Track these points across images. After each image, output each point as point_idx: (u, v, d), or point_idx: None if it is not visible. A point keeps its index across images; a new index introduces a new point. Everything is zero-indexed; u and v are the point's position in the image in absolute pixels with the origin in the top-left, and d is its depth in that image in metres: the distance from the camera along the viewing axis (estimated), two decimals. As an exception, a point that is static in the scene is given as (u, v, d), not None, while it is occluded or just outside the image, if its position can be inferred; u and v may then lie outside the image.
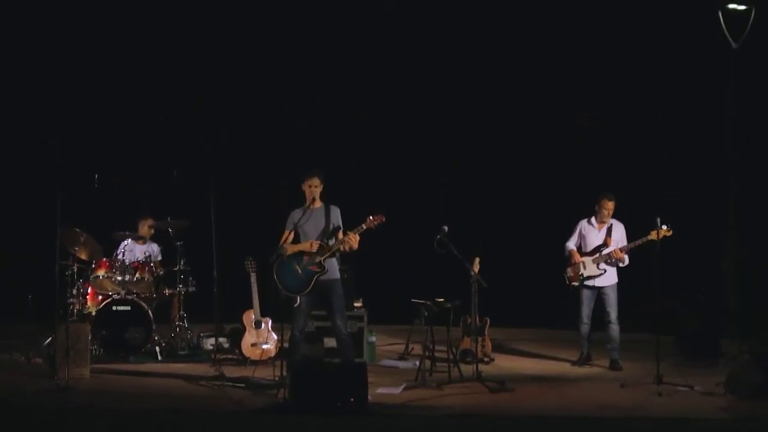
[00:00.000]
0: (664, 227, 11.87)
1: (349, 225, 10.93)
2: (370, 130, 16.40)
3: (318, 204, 11.05)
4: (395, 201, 14.61)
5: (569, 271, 12.75)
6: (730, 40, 14.90)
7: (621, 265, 12.57)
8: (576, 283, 12.66)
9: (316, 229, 10.99)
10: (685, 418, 9.79)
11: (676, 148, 15.74)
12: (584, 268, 12.64)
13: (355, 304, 13.02)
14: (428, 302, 11.84)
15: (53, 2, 16.03)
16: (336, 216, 11.06)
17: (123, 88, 16.22)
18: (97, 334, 12.44)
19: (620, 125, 15.99)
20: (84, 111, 15.96)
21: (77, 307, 12.92)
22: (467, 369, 11.75)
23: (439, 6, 16.37)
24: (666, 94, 15.86)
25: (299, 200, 11.11)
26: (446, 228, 11.52)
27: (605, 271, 12.61)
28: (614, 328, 12.65)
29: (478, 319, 12.18)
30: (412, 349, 13.47)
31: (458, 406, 10.30)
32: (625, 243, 12.57)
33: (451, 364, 11.71)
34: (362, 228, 10.79)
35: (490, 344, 13.15)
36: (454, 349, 12.11)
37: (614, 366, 12.65)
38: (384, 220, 10.81)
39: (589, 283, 12.64)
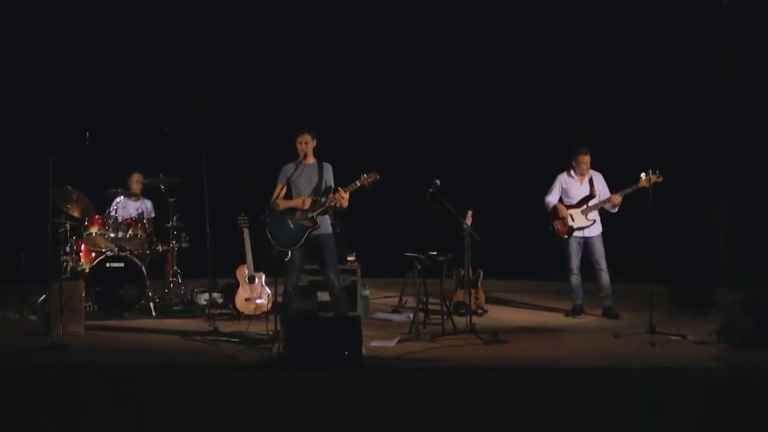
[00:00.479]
0: (653, 174, 11.95)
1: (341, 183, 10.94)
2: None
3: (311, 160, 11.06)
4: (387, 155, 14.62)
5: (557, 225, 12.78)
6: None
7: (613, 211, 12.61)
8: (567, 236, 12.72)
9: (309, 185, 11.00)
10: (678, 368, 9.84)
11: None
12: (573, 220, 12.69)
13: (348, 258, 13.05)
14: (421, 256, 11.85)
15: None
16: (329, 173, 11.06)
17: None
18: (91, 291, 12.46)
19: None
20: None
21: (71, 264, 12.92)
22: (461, 321, 11.78)
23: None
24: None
25: (292, 155, 11.10)
26: (438, 182, 11.52)
27: (594, 221, 12.67)
28: (605, 276, 12.74)
29: (471, 271, 12.19)
30: (406, 301, 13.51)
31: (452, 358, 10.34)
32: (607, 191, 12.67)
33: (445, 317, 11.74)
34: (356, 185, 10.80)
35: (483, 296, 13.19)
36: (447, 302, 12.14)
37: (609, 313, 12.75)
38: (378, 178, 10.83)
39: (578, 234, 12.70)
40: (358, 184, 10.80)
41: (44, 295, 11.74)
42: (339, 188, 10.82)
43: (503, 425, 7.80)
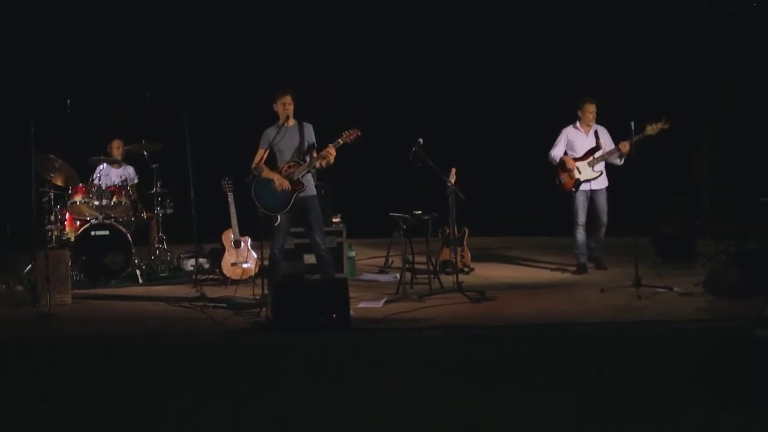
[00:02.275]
0: (660, 122, 12.07)
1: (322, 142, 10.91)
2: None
3: (292, 122, 11.00)
4: (370, 115, 14.58)
5: (564, 178, 12.68)
6: None
7: (619, 162, 12.53)
8: (574, 189, 12.63)
9: (291, 147, 10.95)
10: (665, 320, 9.87)
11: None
12: (579, 172, 12.62)
13: (333, 220, 13.04)
14: (406, 215, 11.84)
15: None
16: (310, 133, 11.02)
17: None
18: (76, 259, 12.43)
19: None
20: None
21: (56, 233, 12.91)
22: (447, 280, 11.81)
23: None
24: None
25: (273, 118, 11.05)
26: (421, 140, 11.50)
27: (601, 173, 12.63)
28: (603, 231, 12.76)
29: (456, 229, 12.17)
30: (392, 262, 13.53)
31: (440, 317, 10.34)
32: (612, 145, 12.59)
33: (432, 276, 11.76)
34: (339, 143, 10.76)
35: (469, 254, 13.21)
36: (433, 261, 12.15)
37: (597, 264, 12.80)
38: (360, 134, 10.79)
39: (585, 187, 12.64)
40: (341, 142, 10.76)
41: (30, 265, 11.73)
42: (329, 144, 10.78)
43: (492, 383, 7.82)
